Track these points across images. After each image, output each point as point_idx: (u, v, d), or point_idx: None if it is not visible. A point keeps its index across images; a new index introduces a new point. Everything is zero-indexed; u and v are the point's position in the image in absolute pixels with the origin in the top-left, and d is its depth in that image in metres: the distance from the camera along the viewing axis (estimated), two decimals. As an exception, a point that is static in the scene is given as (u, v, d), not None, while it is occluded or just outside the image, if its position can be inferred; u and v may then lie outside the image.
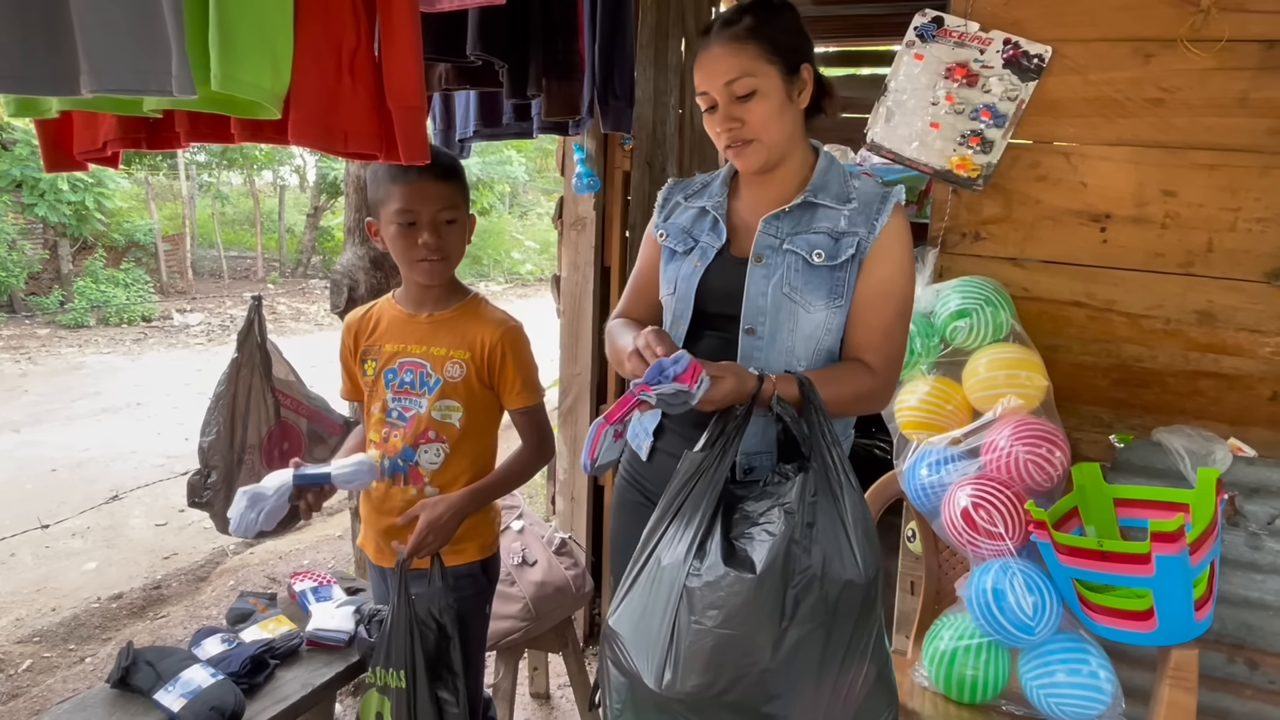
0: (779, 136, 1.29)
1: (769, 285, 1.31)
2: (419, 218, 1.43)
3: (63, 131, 1.21)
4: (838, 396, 1.26)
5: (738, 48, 1.25)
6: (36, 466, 4.71)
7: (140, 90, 0.84)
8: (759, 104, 1.25)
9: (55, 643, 2.74)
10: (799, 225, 1.32)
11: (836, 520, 1.12)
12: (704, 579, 1.07)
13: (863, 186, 1.34)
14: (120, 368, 8.05)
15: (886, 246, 1.30)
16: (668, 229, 1.44)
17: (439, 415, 1.51)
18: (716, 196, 1.41)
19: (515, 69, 1.42)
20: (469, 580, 1.56)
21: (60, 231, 10.82)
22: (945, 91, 1.84)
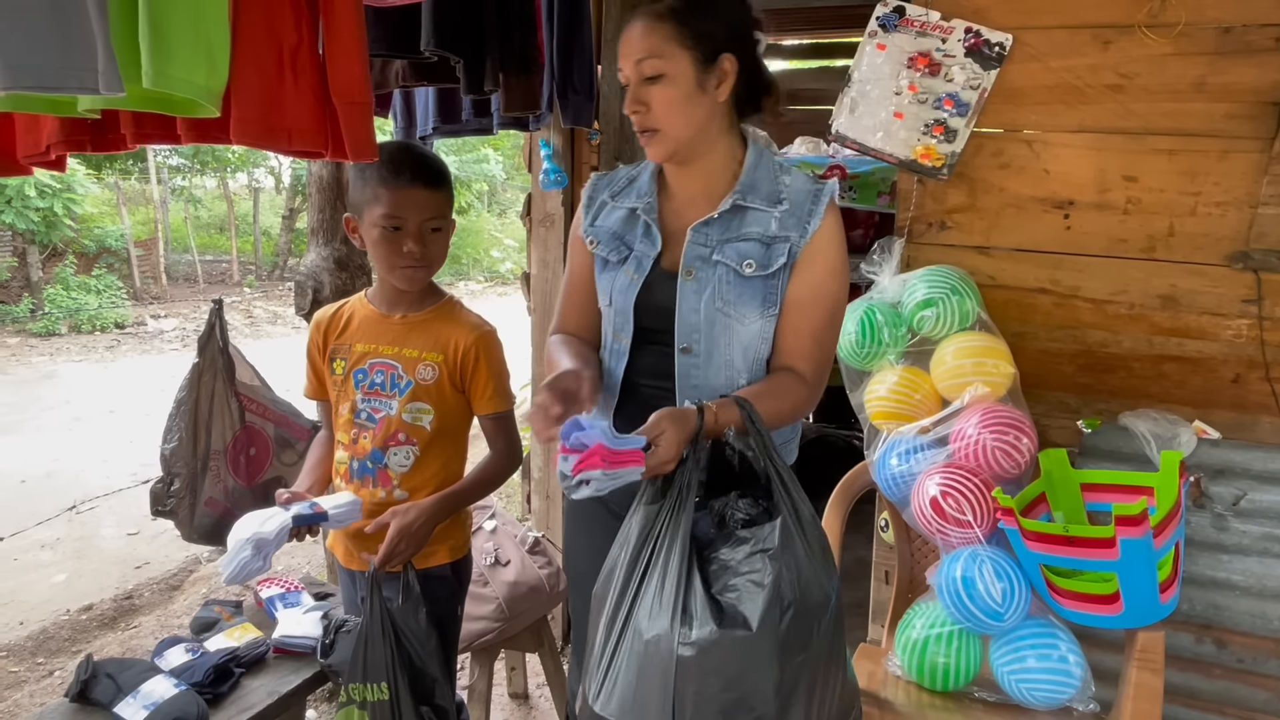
0: (684, 128, 1.21)
1: (701, 301, 1.26)
2: (405, 225, 1.40)
3: (5, 136, 1.17)
4: (777, 412, 1.23)
5: (651, 27, 1.18)
6: (4, 478, 4.63)
7: (59, 87, 0.82)
8: (663, 89, 1.19)
9: (23, 657, 2.69)
10: (728, 231, 1.26)
11: (801, 545, 1.08)
12: (698, 645, 1.00)
13: (794, 184, 1.28)
14: (93, 375, 7.93)
15: (818, 249, 1.25)
16: (597, 234, 1.36)
17: (409, 418, 1.49)
18: (646, 196, 1.33)
19: (471, 64, 1.40)
20: (440, 583, 1.54)
21: (29, 239, 10.63)
22: (908, 81, 1.84)
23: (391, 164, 1.36)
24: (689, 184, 1.31)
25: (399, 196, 1.38)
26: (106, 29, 0.84)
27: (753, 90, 1.28)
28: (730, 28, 1.22)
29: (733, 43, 1.21)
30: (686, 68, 1.18)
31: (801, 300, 1.26)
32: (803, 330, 1.28)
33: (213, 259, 14.63)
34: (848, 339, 1.73)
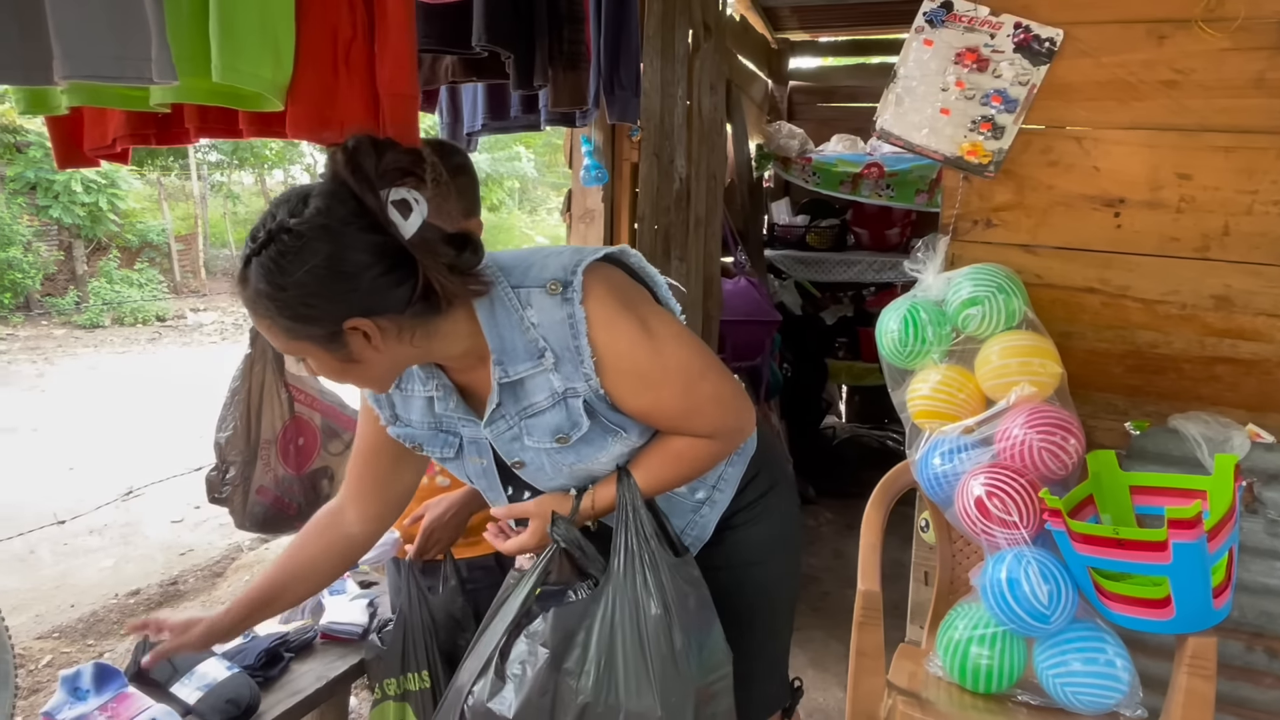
0: (377, 379, 1.07)
1: (547, 474, 1.15)
2: None
3: (73, 129, 1.21)
4: (676, 474, 1.16)
5: (262, 320, 0.98)
6: (55, 465, 4.76)
7: (117, 77, 0.83)
8: (319, 369, 1.04)
9: (74, 638, 2.77)
10: (520, 410, 1.10)
11: (636, 644, 1.03)
12: (474, 710, 1.06)
13: (542, 318, 1.04)
14: (136, 367, 8.13)
15: (615, 370, 1.06)
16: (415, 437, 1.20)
17: None
18: (432, 379, 1.15)
19: (522, 60, 1.42)
20: (483, 573, 1.56)
21: (75, 233, 10.91)
22: (955, 77, 1.82)
23: None
24: (454, 360, 1.12)
25: None
26: (161, 18, 0.86)
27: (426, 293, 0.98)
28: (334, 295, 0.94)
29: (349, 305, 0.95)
30: (323, 354, 1.00)
31: (643, 407, 1.10)
32: (667, 423, 1.14)
33: (250, 254, 14.86)
34: (890, 337, 1.72)
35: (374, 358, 0.99)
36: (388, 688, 1.46)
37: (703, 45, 2.63)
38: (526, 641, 1.07)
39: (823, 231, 4.26)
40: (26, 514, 3.94)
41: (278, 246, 0.91)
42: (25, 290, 10.19)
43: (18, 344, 8.96)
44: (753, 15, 4.14)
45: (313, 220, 0.91)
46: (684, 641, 1.06)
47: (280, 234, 0.91)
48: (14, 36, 0.83)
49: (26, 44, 0.83)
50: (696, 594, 1.12)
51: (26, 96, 1.11)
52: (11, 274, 9.92)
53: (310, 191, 0.93)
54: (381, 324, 0.96)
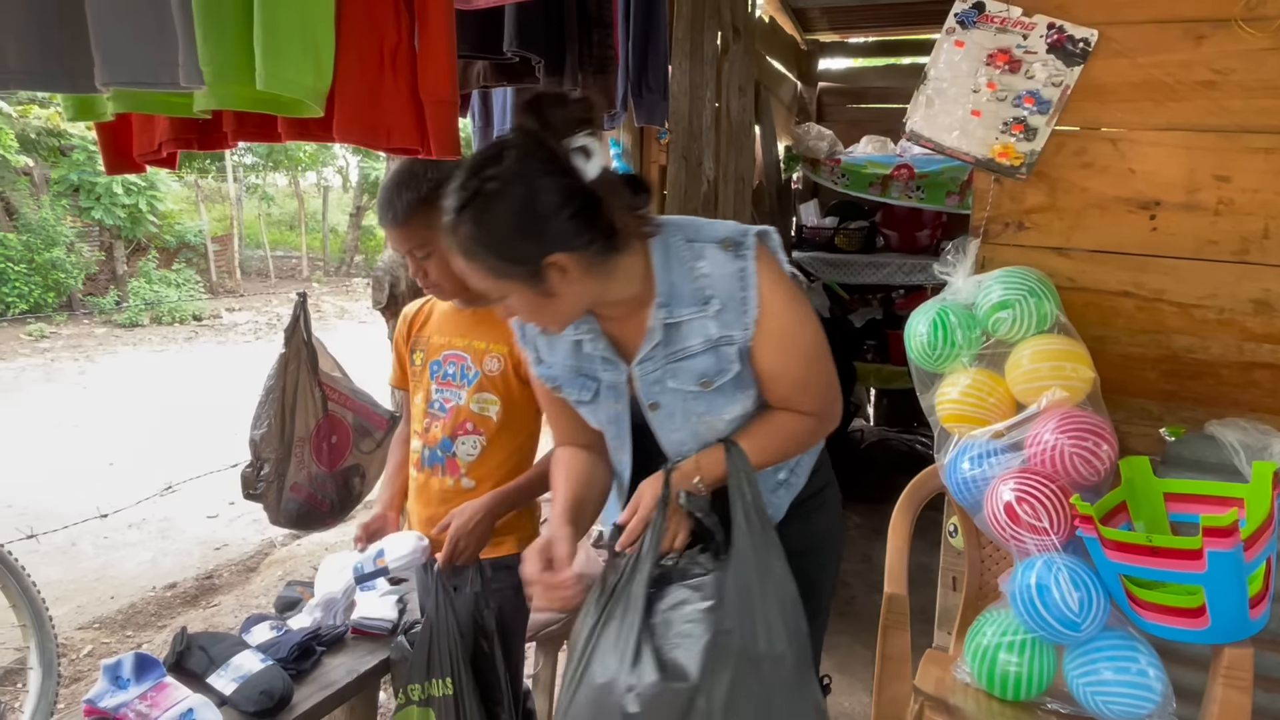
0: (562, 318, 1.16)
1: (675, 423, 1.26)
2: (401, 253, 1.50)
3: (121, 134, 1.25)
4: (776, 448, 1.27)
5: (465, 263, 1.09)
6: (96, 460, 4.88)
7: (151, 82, 0.87)
8: (519, 305, 1.12)
9: (114, 629, 2.84)
10: (671, 353, 1.20)
11: (763, 596, 1.12)
12: (643, 696, 1.05)
13: (714, 269, 1.16)
14: (173, 365, 8.30)
15: (768, 327, 1.18)
16: (556, 378, 1.30)
17: (476, 408, 1.54)
18: (584, 323, 1.24)
19: (552, 64, 1.44)
20: (508, 573, 1.57)
21: (115, 234, 11.18)
22: (987, 79, 1.81)
23: (377, 202, 1.48)
24: (615, 317, 1.23)
25: (387, 235, 1.50)
26: (190, 27, 0.88)
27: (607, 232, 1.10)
28: (535, 232, 1.06)
29: (549, 242, 1.06)
30: (522, 290, 1.09)
31: (773, 371, 1.23)
32: (788, 392, 1.26)
33: (283, 254, 15.15)
34: (919, 340, 1.71)
35: (567, 293, 1.10)
36: (412, 692, 1.47)
37: (731, 47, 2.63)
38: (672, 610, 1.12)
39: (852, 233, 4.23)
40: (68, 508, 4.04)
41: (484, 197, 1.04)
42: (68, 290, 10.45)
43: (60, 342, 9.20)
44: (782, 17, 4.14)
45: (510, 170, 1.04)
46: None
47: (484, 185, 1.04)
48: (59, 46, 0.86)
49: (71, 53, 0.87)
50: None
51: (75, 104, 1.14)
52: (55, 274, 10.18)
53: (504, 145, 1.06)
54: (574, 260, 1.08)
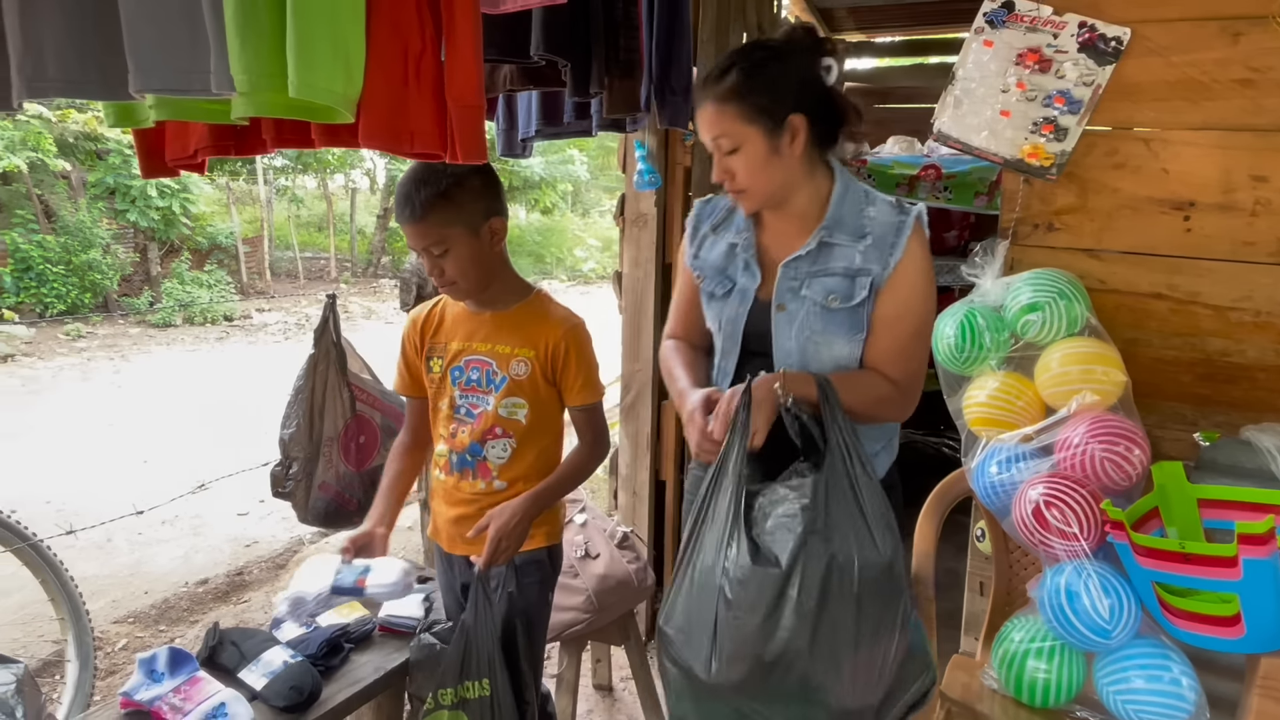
0: (768, 186, 1.36)
1: (792, 330, 1.40)
2: (419, 253, 1.50)
3: (157, 140, 1.28)
4: (858, 400, 1.36)
5: (719, 109, 1.31)
6: (130, 458, 4.98)
7: (184, 90, 0.88)
8: (743, 159, 1.33)
9: (148, 624, 2.90)
10: (816, 266, 1.39)
11: (855, 510, 1.22)
12: (736, 578, 1.17)
13: (879, 215, 1.39)
14: (205, 365, 8.45)
15: (902, 276, 1.37)
16: (703, 269, 1.52)
17: (505, 412, 1.54)
18: (744, 232, 1.48)
19: (578, 68, 1.45)
20: (535, 567, 1.59)
21: (149, 235, 11.40)
22: (1016, 78, 1.79)
23: (395, 199, 1.48)
24: (781, 222, 1.45)
25: (405, 231, 1.48)
26: (221, 35, 0.90)
27: (828, 126, 1.39)
28: (791, 91, 1.32)
29: (797, 102, 1.32)
30: (759, 139, 1.32)
31: (888, 320, 1.39)
32: (889, 348, 1.41)
33: (312, 256, 15.34)
34: (946, 343, 1.69)
35: (787, 160, 1.33)
36: (443, 697, 1.46)
37: (757, 49, 2.62)
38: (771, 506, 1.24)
39: (878, 235, 4.17)
40: (103, 505, 4.13)
41: (759, 53, 1.32)
42: (104, 291, 10.67)
43: (96, 342, 9.40)
44: (807, 17, 4.12)
45: (783, 40, 1.35)
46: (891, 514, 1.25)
47: (757, 48, 1.34)
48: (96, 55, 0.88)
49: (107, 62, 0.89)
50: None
51: (115, 111, 1.17)
52: (92, 275, 10.40)
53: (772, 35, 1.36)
54: (806, 131, 1.32)
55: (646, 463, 2.60)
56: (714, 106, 1.32)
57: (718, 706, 1.22)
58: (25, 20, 0.87)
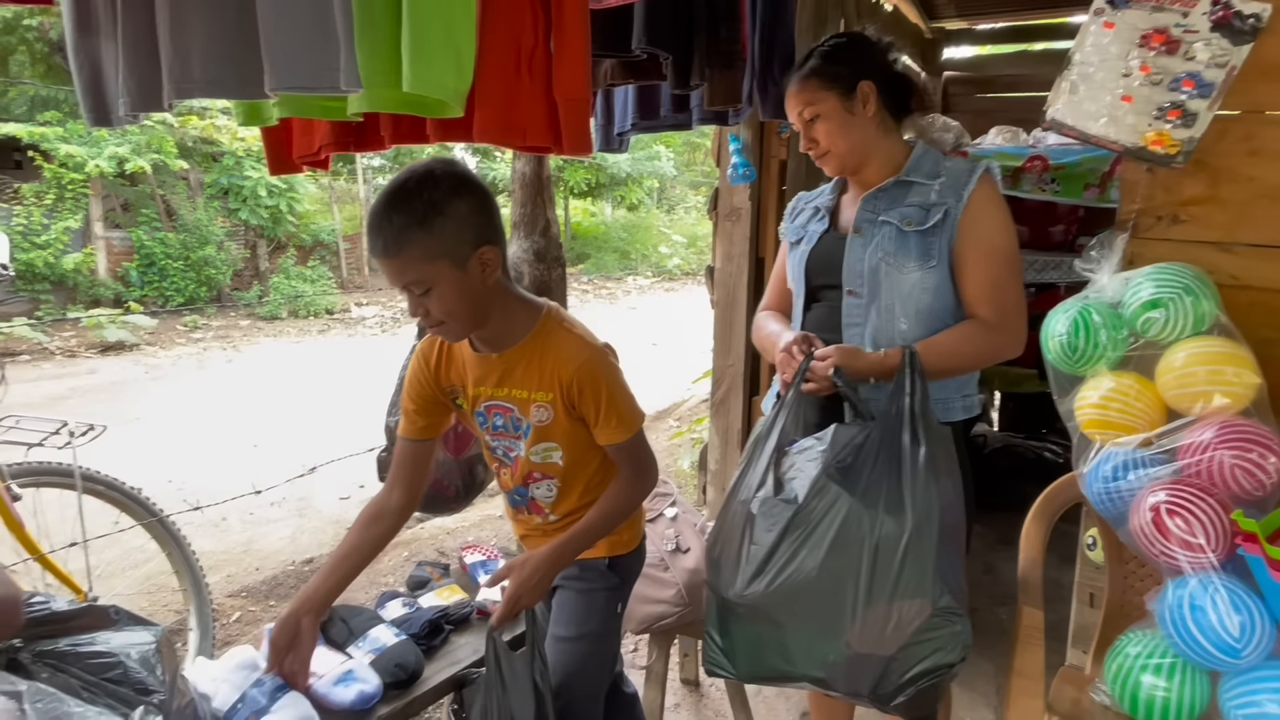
0: (845, 145, 1.53)
1: (865, 252, 1.53)
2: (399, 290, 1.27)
3: (284, 138, 1.34)
4: (956, 353, 1.49)
5: (800, 86, 1.54)
6: (242, 442, 5.28)
7: (314, 87, 0.91)
8: (822, 125, 1.53)
9: (259, 598, 3.07)
10: (893, 201, 1.54)
11: (892, 472, 1.30)
12: (760, 511, 1.34)
13: (953, 166, 1.55)
14: (309, 355, 8.87)
15: (978, 209, 1.49)
16: (789, 229, 1.73)
17: (538, 458, 1.43)
18: (827, 196, 1.69)
19: (679, 60, 1.45)
20: (596, 574, 1.52)
21: (259, 233, 12.05)
22: (1140, 61, 1.69)
23: (367, 228, 1.27)
24: (861, 183, 1.61)
25: (380, 267, 1.25)
26: (351, 32, 0.93)
27: (898, 97, 1.58)
28: (860, 62, 1.54)
29: (866, 71, 1.53)
30: (834, 104, 1.52)
31: (973, 253, 1.50)
32: (981, 280, 1.50)
33: (407, 252, 15.85)
34: (1057, 340, 1.62)
35: (858, 122, 1.52)
36: None
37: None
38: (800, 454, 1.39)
39: (978, 229, 4.03)
40: (218, 485, 4.39)
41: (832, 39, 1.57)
42: (218, 285, 11.34)
43: (211, 333, 9.99)
44: (906, 5, 4.00)
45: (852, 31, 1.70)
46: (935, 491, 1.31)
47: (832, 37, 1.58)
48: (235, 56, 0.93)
49: (245, 63, 0.94)
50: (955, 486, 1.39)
51: (245, 110, 1.24)
52: (207, 270, 11.07)
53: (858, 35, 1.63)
54: (876, 98, 1.52)
55: (736, 458, 2.58)
56: (797, 85, 1.53)
57: (743, 627, 1.36)
58: (175, 28, 0.94)
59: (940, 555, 1.29)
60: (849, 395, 1.42)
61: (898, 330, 1.52)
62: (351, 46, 0.95)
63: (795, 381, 1.46)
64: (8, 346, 8.34)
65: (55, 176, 9.76)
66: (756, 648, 1.37)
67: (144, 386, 7.23)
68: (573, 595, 1.50)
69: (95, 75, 1.09)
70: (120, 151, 9.84)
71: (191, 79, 0.95)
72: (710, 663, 1.44)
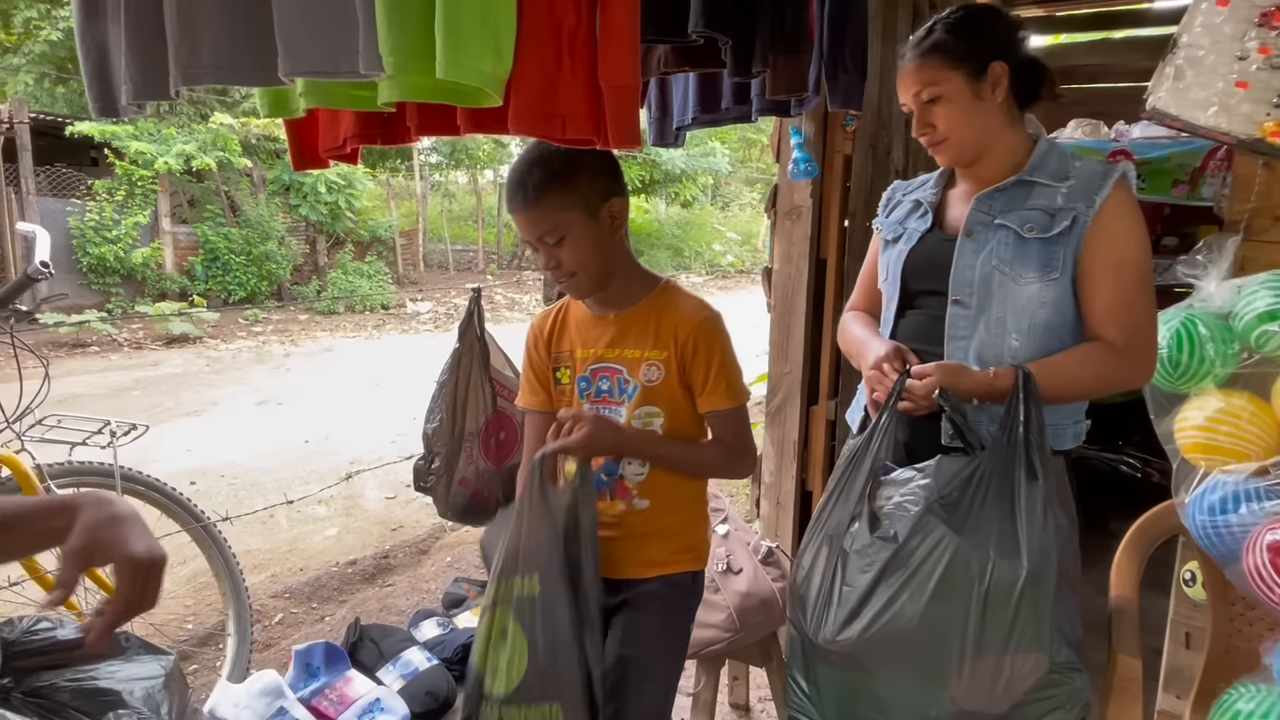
0: (969, 133, 1.37)
1: (977, 259, 1.37)
2: (531, 245, 1.36)
3: (308, 131, 1.27)
4: (1077, 379, 1.33)
5: (923, 62, 1.36)
6: (294, 437, 5.33)
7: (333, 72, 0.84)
8: (945, 108, 1.36)
9: (301, 600, 3.05)
10: (1012, 203, 1.37)
11: (1005, 510, 1.17)
12: (855, 548, 1.22)
13: (1083, 166, 1.37)
14: (363, 350, 8.98)
15: (1112, 218, 1.31)
16: (885, 224, 1.57)
17: (639, 423, 1.39)
18: (931, 189, 1.52)
19: (740, 45, 1.32)
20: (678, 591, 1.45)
21: (318, 229, 12.29)
22: (1259, 42, 1.50)
23: (506, 187, 1.36)
24: (976, 177, 1.44)
25: (516, 220, 1.34)
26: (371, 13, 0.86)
27: (1028, 83, 1.40)
28: (992, 39, 1.37)
29: (998, 51, 1.36)
30: (961, 85, 1.35)
31: (1103, 267, 1.32)
32: (1110, 298, 1.32)
33: (462, 248, 16.05)
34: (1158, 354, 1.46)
35: (985, 107, 1.36)
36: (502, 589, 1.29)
37: (927, 25, 2.41)
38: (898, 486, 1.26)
39: (1054, 229, 3.80)
40: (268, 480, 4.43)
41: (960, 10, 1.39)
42: (278, 279, 11.59)
43: (270, 327, 10.21)
44: (980, -10, 3.78)
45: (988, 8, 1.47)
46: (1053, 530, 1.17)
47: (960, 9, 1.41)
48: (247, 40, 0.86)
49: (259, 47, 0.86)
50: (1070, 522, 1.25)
51: (269, 101, 1.16)
52: (268, 265, 11.33)
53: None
54: (1006, 79, 1.36)
55: (792, 471, 2.45)
56: (918, 61, 1.37)
57: (833, 673, 1.25)
58: (183, 8, 0.86)
59: (1057, 602, 1.16)
60: (958, 421, 1.27)
61: (1007, 347, 1.35)
62: (372, 27, 0.86)
63: (889, 403, 1.30)
64: (79, 338, 8.63)
65: (126, 173, 10.08)
66: (848, 697, 1.25)
67: (205, 379, 7.39)
68: (655, 617, 1.40)
69: (102, 61, 1.02)
70: (187, 149, 10.12)
71: (200, 64, 0.87)
72: (794, 709, 1.32)
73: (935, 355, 1.39)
